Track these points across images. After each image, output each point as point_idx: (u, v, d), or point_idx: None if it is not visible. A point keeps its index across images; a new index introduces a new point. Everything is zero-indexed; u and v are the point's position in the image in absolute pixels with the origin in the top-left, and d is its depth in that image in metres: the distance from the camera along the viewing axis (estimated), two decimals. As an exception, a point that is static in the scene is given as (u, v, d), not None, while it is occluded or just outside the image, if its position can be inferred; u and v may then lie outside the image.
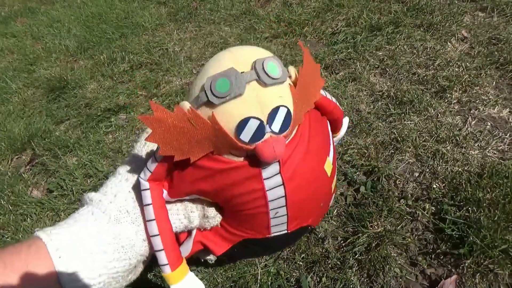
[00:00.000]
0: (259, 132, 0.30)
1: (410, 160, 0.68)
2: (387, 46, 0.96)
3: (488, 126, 0.71)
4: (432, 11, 1.02)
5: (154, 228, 0.34)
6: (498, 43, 0.87)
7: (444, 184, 0.63)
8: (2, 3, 2.08)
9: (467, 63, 0.83)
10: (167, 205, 0.37)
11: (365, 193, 0.65)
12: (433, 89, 0.80)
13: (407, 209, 0.61)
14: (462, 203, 0.58)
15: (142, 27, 1.40)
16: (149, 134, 0.30)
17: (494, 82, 0.79)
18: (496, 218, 0.54)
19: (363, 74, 0.89)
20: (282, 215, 0.36)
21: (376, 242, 0.57)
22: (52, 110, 1.10)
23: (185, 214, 0.38)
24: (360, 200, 0.65)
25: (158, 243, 0.35)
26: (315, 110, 0.38)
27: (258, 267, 0.59)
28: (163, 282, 0.58)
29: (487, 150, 0.66)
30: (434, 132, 0.71)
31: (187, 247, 0.41)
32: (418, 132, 0.72)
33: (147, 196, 0.34)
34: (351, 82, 0.89)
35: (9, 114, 1.13)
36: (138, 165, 0.36)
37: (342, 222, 0.63)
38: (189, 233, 0.42)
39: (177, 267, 0.36)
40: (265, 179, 0.32)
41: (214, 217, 0.39)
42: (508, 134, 0.68)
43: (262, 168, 0.32)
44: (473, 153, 0.66)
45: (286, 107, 0.30)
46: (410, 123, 0.74)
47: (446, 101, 0.77)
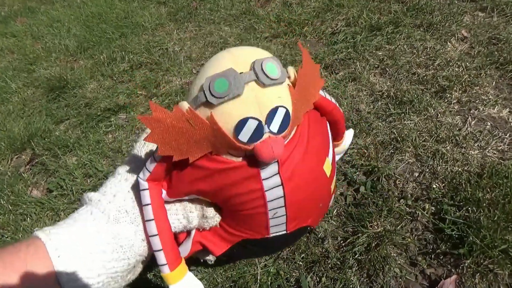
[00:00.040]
0: (258, 132, 0.29)
1: (410, 160, 0.68)
2: (387, 46, 0.96)
3: (488, 126, 0.70)
4: (432, 11, 1.02)
5: (152, 228, 0.34)
6: (498, 43, 0.87)
7: (444, 184, 0.63)
8: (2, 3, 2.08)
9: (467, 63, 0.83)
10: (166, 205, 0.37)
11: (364, 193, 0.65)
12: (433, 89, 0.80)
13: (407, 209, 0.61)
14: (462, 203, 0.58)
15: (142, 27, 1.40)
16: (148, 134, 0.30)
17: (494, 82, 0.79)
18: (496, 218, 0.53)
19: (363, 74, 0.89)
20: (281, 216, 0.36)
21: (376, 242, 0.57)
22: (52, 110, 1.10)
23: (184, 214, 0.38)
24: (360, 200, 0.65)
25: (156, 243, 0.35)
26: (315, 110, 0.38)
27: (257, 267, 0.59)
28: (163, 282, 0.58)
29: (487, 150, 0.66)
30: (434, 132, 0.71)
31: (186, 247, 0.41)
32: (418, 132, 0.72)
33: (146, 196, 0.34)
34: (351, 82, 0.89)
35: (9, 114, 1.13)
36: (138, 165, 0.36)
37: (342, 222, 0.63)
38: (188, 233, 0.42)
39: (175, 267, 0.36)
40: (263, 179, 0.32)
41: (213, 217, 0.39)
42: (508, 134, 0.68)
43: (260, 168, 0.32)
44: (473, 153, 0.66)
45: (285, 108, 0.30)
46: (410, 123, 0.74)
47: (446, 101, 0.77)
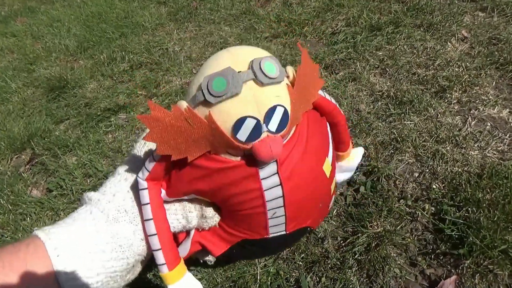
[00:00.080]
0: (256, 131, 0.29)
1: (410, 160, 0.68)
2: (387, 46, 0.95)
3: (488, 127, 0.70)
4: (432, 11, 1.02)
5: (151, 227, 0.34)
6: (498, 43, 0.87)
7: (443, 184, 0.63)
8: (2, 3, 2.08)
9: (467, 63, 0.83)
10: (165, 205, 0.37)
11: (364, 193, 0.65)
12: (433, 89, 0.80)
13: (407, 209, 0.61)
14: (461, 204, 0.58)
15: (142, 27, 1.40)
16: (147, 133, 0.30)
17: (494, 82, 0.78)
18: (495, 219, 0.53)
19: (363, 74, 0.89)
20: (280, 216, 0.36)
21: (375, 242, 0.57)
22: (51, 110, 1.10)
23: (183, 214, 0.38)
24: (359, 200, 0.64)
25: (155, 243, 0.34)
26: (314, 110, 0.38)
27: (257, 267, 0.59)
28: (162, 282, 0.58)
29: (487, 151, 0.66)
30: (434, 132, 0.71)
31: (186, 247, 0.40)
32: (418, 132, 0.72)
33: (145, 195, 0.34)
34: (351, 82, 0.89)
35: (8, 114, 1.13)
36: (138, 165, 0.36)
37: (341, 222, 0.62)
38: (187, 233, 0.41)
39: (174, 267, 0.36)
40: (262, 179, 0.32)
41: (212, 217, 0.39)
42: (508, 135, 0.68)
43: (259, 167, 0.32)
44: (472, 153, 0.66)
45: (283, 107, 0.30)
46: (410, 123, 0.74)
47: (446, 101, 0.77)
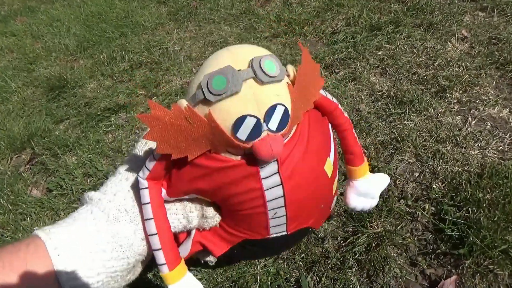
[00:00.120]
0: (256, 130, 0.29)
1: (410, 160, 0.68)
2: (387, 46, 0.95)
3: (488, 126, 0.70)
4: (432, 11, 1.02)
5: (152, 227, 0.34)
6: (498, 43, 0.87)
7: (444, 184, 0.63)
8: (2, 2, 2.08)
9: (467, 63, 0.83)
10: (166, 204, 0.36)
11: (364, 193, 0.65)
12: (433, 89, 0.80)
13: (407, 209, 0.61)
14: (462, 204, 0.58)
15: (142, 26, 1.40)
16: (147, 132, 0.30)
17: (494, 82, 0.79)
18: (496, 219, 0.53)
19: (363, 73, 0.89)
20: (281, 216, 0.35)
21: (376, 242, 0.57)
22: (51, 109, 1.10)
23: (184, 214, 0.38)
24: (359, 200, 0.64)
25: (156, 242, 0.34)
26: (315, 110, 0.37)
27: (257, 267, 0.59)
28: (162, 282, 0.58)
29: (487, 150, 0.66)
30: (434, 132, 0.71)
31: (186, 247, 0.40)
32: (418, 132, 0.72)
33: (146, 195, 0.34)
34: (351, 82, 0.89)
35: (8, 113, 1.13)
36: (139, 164, 0.36)
37: (342, 222, 0.62)
38: (188, 233, 0.41)
39: (175, 267, 0.36)
40: (263, 178, 0.32)
41: (213, 217, 0.38)
42: (508, 134, 0.68)
43: (260, 167, 0.32)
44: (473, 153, 0.66)
45: (284, 106, 0.30)
46: (410, 123, 0.74)
47: (446, 101, 0.77)
